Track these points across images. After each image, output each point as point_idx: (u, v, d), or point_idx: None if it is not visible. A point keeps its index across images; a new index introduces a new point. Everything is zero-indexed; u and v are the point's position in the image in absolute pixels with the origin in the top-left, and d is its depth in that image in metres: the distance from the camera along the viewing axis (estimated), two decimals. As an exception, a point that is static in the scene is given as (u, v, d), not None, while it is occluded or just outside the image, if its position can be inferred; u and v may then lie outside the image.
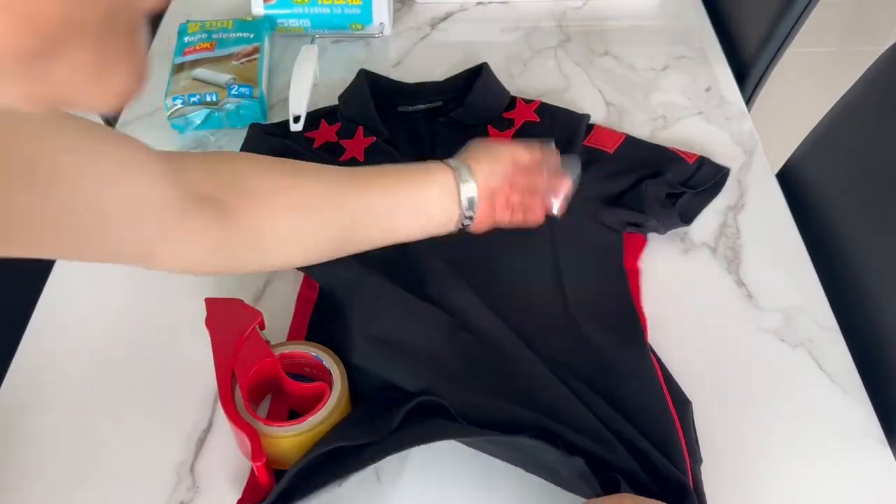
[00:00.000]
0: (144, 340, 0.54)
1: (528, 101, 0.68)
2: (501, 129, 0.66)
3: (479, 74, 0.68)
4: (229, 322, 0.48)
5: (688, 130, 0.69)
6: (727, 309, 0.55)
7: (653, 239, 0.60)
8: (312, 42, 0.76)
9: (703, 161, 0.63)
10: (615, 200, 0.61)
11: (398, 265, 0.56)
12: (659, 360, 0.51)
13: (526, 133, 0.66)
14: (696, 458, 0.46)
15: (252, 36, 0.73)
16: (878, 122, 0.59)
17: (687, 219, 0.60)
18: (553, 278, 0.55)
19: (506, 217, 0.50)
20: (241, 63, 0.70)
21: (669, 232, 0.59)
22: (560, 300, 0.54)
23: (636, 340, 0.51)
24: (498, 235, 0.57)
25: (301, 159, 0.63)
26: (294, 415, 0.49)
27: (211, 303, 0.50)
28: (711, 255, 0.59)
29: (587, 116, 0.66)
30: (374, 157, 0.64)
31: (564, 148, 0.64)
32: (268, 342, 0.49)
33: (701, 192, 0.62)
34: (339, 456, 0.44)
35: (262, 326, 0.50)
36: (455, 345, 0.50)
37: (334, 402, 0.46)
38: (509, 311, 0.53)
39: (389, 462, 0.47)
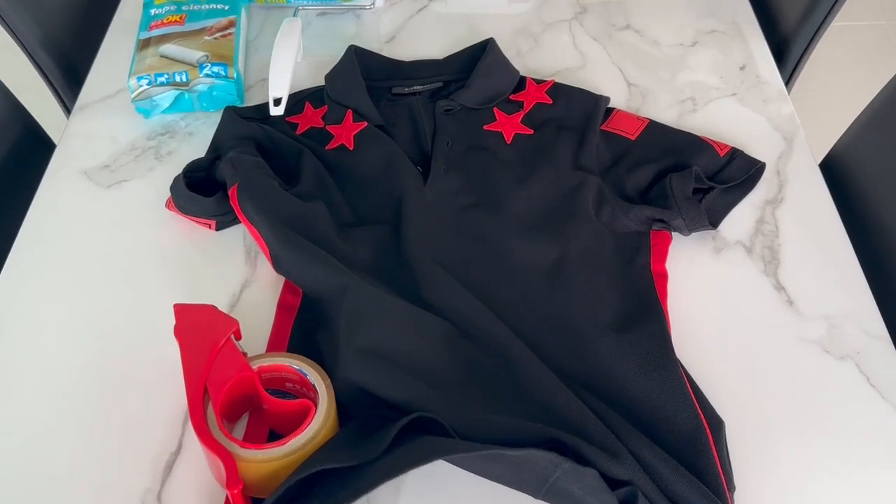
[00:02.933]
0: (105, 351, 0.54)
1: (539, 82, 0.68)
2: (509, 112, 0.66)
3: (483, 51, 0.68)
4: (201, 331, 0.48)
5: (719, 114, 0.69)
6: (764, 316, 0.55)
7: (680, 237, 0.60)
8: (295, 14, 0.76)
9: (735, 153, 0.63)
10: (638, 194, 0.61)
11: (391, 268, 0.56)
12: (687, 375, 0.51)
13: (537, 117, 0.66)
14: (729, 485, 0.47)
15: (227, 7, 0.73)
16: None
17: (713, 220, 0.60)
18: (567, 281, 0.55)
19: None
20: (215, 38, 0.70)
21: (696, 233, 0.59)
22: (575, 306, 0.54)
23: (663, 352, 0.51)
24: (504, 233, 0.58)
25: (282, 147, 0.64)
26: (274, 436, 0.49)
27: (181, 310, 0.50)
28: (747, 255, 0.59)
29: (606, 98, 0.66)
30: (366, 144, 0.64)
31: (580, 133, 0.64)
32: (244, 354, 0.49)
33: (731, 189, 0.61)
34: (325, 483, 0.44)
35: (239, 336, 0.50)
36: (456, 355, 0.51)
37: (320, 421, 0.46)
38: (517, 318, 0.53)
39: (383, 489, 0.47)
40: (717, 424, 0.49)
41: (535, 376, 0.49)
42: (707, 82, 0.71)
